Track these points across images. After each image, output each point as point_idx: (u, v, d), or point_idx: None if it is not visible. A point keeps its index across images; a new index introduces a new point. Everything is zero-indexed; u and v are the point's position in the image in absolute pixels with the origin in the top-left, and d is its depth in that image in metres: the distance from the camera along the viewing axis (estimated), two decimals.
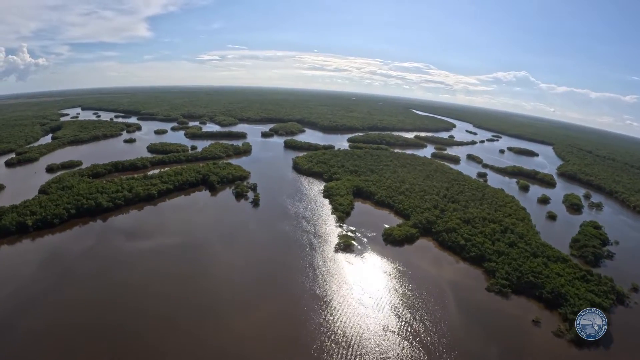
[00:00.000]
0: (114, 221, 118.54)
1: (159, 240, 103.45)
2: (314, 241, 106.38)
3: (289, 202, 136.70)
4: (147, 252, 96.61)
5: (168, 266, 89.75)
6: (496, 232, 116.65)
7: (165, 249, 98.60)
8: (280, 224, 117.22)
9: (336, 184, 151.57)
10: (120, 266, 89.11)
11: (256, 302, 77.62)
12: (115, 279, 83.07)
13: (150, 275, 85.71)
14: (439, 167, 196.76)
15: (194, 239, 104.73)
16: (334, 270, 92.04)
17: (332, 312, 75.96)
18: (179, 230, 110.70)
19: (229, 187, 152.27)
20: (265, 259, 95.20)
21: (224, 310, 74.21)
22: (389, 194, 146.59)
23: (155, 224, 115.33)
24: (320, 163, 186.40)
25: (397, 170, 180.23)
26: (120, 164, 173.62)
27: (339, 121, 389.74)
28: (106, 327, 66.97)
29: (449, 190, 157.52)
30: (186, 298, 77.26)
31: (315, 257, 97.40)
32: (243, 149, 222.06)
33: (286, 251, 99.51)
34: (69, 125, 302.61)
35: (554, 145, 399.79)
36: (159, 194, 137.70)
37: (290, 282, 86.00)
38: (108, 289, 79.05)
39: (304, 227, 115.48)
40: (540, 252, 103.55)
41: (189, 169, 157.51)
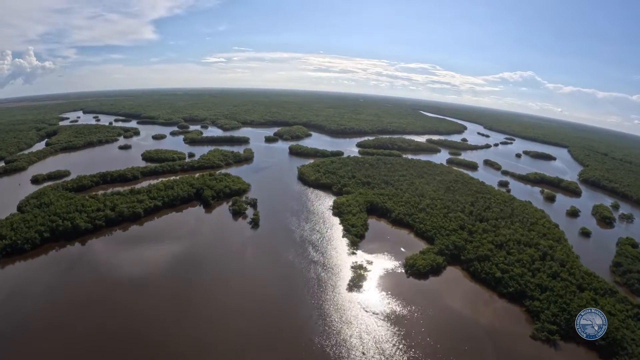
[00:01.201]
0: (91, 247, 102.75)
1: (139, 273, 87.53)
2: (322, 276, 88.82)
3: (293, 222, 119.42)
4: (125, 288, 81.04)
5: (148, 308, 74.76)
6: (535, 260, 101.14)
7: (146, 284, 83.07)
8: (282, 251, 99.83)
9: (347, 199, 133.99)
10: (93, 308, 73.66)
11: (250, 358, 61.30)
12: (83, 329, 66.82)
13: (126, 319, 70.70)
14: (459, 177, 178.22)
15: (181, 272, 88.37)
16: (347, 319, 74.36)
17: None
18: (163, 260, 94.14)
19: (226, 202, 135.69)
20: (263, 302, 77.90)
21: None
22: (407, 211, 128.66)
23: (137, 252, 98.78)
24: (329, 173, 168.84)
25: (414, 181, 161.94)
26: (109, 175, 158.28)
27: (347, 124, 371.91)
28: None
29: (474, 205, 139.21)
30: (167, 348, 62.75)
31: (324, 300, 79.82)
32: (244, 156, 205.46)
33: (288, 291, 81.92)
34: (64, 130, 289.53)
35: (568, 148, 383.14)
36: (146, 212, 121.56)
37: (292, 336, 68.72)
38: (73, 342, 63.01)
39: (311, 256, 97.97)
40: (586, 283, 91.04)
41: (181, 182, 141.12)
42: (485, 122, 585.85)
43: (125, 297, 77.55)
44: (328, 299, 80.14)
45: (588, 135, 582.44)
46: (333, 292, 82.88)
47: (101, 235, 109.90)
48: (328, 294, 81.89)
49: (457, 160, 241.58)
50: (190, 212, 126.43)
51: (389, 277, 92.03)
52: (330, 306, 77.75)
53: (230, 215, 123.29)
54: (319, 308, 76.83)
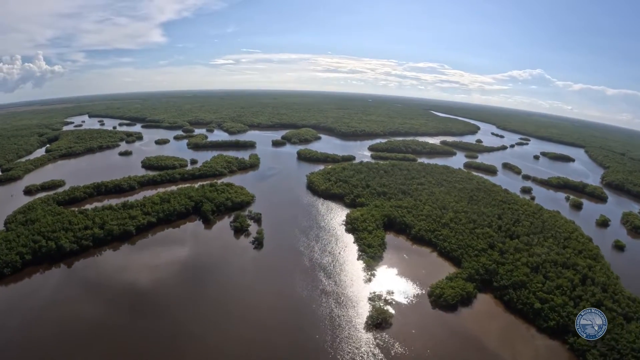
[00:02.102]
0: (75, 271, 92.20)
1: (126, 304, 76.73)
2: (335, 312, 75.64)
3: (301, 241, 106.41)
4: (107, 323, 70.16)
5: (136, 342, 65.09)
6: (575, 286, 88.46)
7: (134, 317, 72.19)
8: (289, 279, 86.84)
9: (362, 213, 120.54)
10: (73, 344, 63.76)
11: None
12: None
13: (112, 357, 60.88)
14: (481, 184, 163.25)
15: (172, 306, 76.29)
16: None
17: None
18: (153, 289, 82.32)
19: (228, 216, 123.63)
20: (264, 348, 65.06)
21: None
22: (429, 227, 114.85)
23: (125, 278, 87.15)
24: (340, 182, 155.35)
25: (433, 190, 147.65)
26: (104, 186, 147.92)
27: (357, 126, 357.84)
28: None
29: (502, 218, 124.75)
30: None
31: (339, 344, 66.70)
32: (249, 163, 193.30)
33: (296, 335, 68.84)
34: (66, 136, 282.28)
35: (585, 148, 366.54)
36: (138, 229, 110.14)
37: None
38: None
39: (322, 285, 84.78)
40: (632, 311, 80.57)
41: (179, 194, 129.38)
42: (497, 122, 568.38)
43: (109, 333, 67.13)
44: (343, 343, 66.93)
45: (602, 134, 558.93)
46: (349, 333, 69.79)
47: (89, 256, 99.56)
48: (343, 336, 68.71)
49: (475, 164, 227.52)
50: (187, 229, 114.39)
51: (413, 310, 78.70)
52: (345, 353, 64.54)
53: (231, 233, 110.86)
54: (333, 355, 63.71)
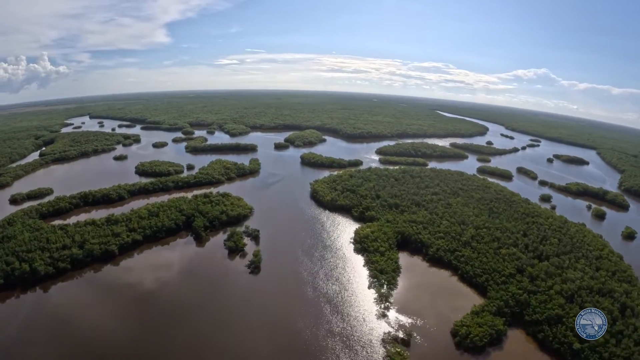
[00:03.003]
0: (50, 299, 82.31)
1: (102, 336, 66.26)
2: (343, 359, 63.48)
3: (304, 264, 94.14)
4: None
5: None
6: (616, 318, 76.54)
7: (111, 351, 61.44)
8: (288, 313, 74.76)
9: (372, 229, 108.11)
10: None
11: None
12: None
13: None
14: (499, 193, 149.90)
15: (151, 338, 64.84)
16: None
17: None
18: (132, 319, 71.69)
19: (223, 231, 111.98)
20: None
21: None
22: (448, 246, 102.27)
23: (102, 307, 76.42)
24: (347, 192, 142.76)
25: (449, 201, 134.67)
26: (91, 195, 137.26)
27: (364, 127, 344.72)
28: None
29: (527, 235, 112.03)
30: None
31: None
32: (249, 169, 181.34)
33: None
34: (62, 138, 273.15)
35: (597, 150, 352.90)
36: (122, 249, 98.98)
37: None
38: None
39: (329, 323, 72.52)
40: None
41: (169, 207, 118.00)
42: (505, 122, 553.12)
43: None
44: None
45: (610, 135, 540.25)
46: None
47: (68, 279, 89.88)
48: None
49: (489, 169, 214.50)
50: (176, 248, 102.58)
51: (435, 355, 66.34)
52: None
53: (225, 253, 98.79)
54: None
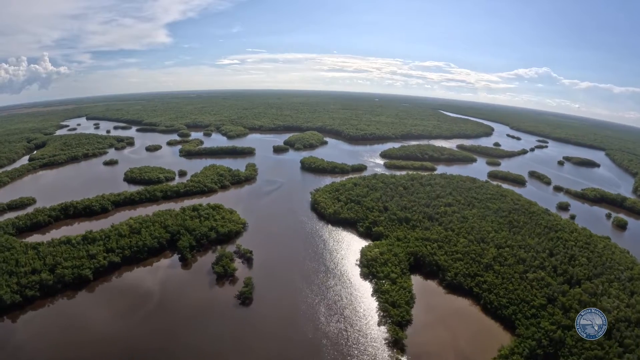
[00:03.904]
0: (15, 333, 70.59)
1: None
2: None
3: (303, 295, 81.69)
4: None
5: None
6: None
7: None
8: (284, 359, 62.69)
9: (381, 251, 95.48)
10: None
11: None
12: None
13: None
14: (517, 202, 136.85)
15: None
16: None
17: None
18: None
19: (212, 250, 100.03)
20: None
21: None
22: (468, 269, 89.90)
23: (66, 347, 64.50)
24: (352, 203, 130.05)
25: (465, 214, 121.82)
26: (72, 207, 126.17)
27: (367, 129, 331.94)
28: None
29: (554, 254, 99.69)
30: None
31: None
32: (245, 176, 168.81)
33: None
34: (53, 142, 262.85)
35: (606, 151, 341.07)
36: (97, 272, 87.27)
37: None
38: None
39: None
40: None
41: (153, 222, 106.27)
42: (509, 122, 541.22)
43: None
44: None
45: (616, 135, 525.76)
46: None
47: (38, 308, 78.77)
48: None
49: (501, 174, 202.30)
50: (158, 271, 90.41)
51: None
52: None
53: (213, 279, 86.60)
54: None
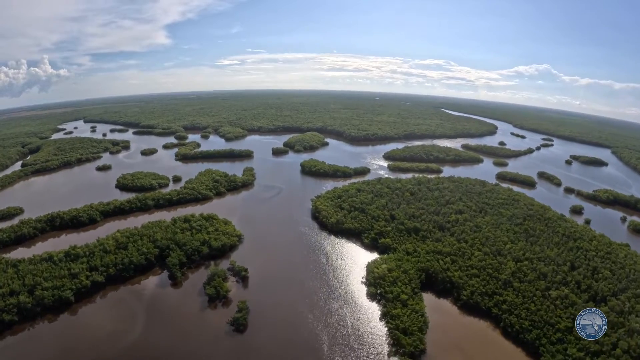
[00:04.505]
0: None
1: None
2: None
3: (304, 320, 73.49)
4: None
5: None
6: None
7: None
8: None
9: (389, 267, 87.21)
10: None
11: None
12: None
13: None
14: (531, 208, 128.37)
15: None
16: None
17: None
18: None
19: (205, 266, 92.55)
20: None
21: None
22: (484, 287, 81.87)
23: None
24: (356, 211, 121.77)
25: (477, 222, 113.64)
26: (59, 218, 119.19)
27: (369, 129, 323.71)
28: None
29: (575, 266, 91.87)
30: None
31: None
32: (242, 181, 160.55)
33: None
34: (48, 146, 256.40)
35: (612, 149, 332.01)
36: (79, 294, 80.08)
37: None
38: None
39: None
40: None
41: (142, 235, 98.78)
42: (512, 120, 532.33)
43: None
44: None
45: (619, 131, 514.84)
46: None
47: (17, 333, 71.77)
48: None
49: (510, 176, 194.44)
50: (145, 292, 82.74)
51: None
52: None
53: (204, 301, 78.81)
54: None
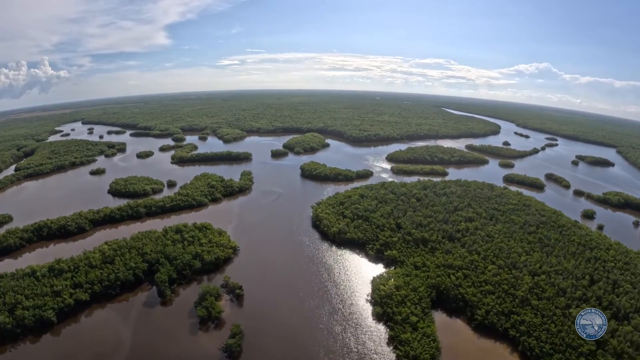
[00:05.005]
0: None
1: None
2: None
3: (304, 346, 67.22)
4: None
5: None
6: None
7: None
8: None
9: (396, 282, 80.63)
10: None
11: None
12: None
13: None
14: (543, 214, 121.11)
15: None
16: None
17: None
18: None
19: (197, 281, 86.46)
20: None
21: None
22: (501, 305, 75.18)
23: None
24: (359, 219, 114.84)
25: (489, 230, 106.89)
26: (47, 228, 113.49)
27: (370, 129, 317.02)
28: None
29: (594, 280, 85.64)
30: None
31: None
32: (239, 186, 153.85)
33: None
34: (42, 149, 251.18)
35: (617, 148, 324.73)
36: (62, 313, 74.15)
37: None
38: None
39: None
40: None
41: (130, 248, 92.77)
42: (515, 119, 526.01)
43: None
44: None
45: (621, 130, 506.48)
46: None
47: None
48: None
49: (517, 178, 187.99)
50: (131, 312, 75.83)
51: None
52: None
53: (195, 323, 72.34)
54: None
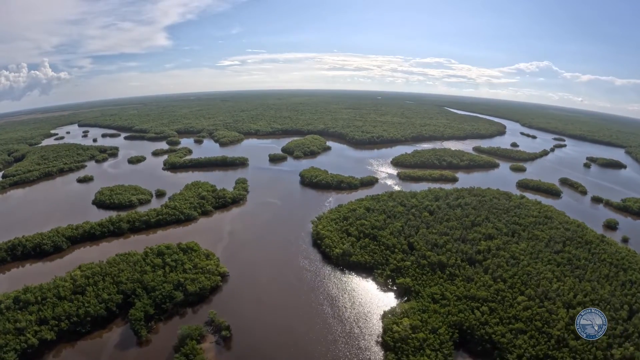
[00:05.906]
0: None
1: None
2: None
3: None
4: None
5: None
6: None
7: None
8: None
9: (411, 320, 68.80)
10: None
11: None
12: None
13: None
14: (568, 228, 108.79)
15: None
16: None
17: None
18: None
19: (179, 316, 75.71)
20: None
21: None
22: (535, 347, 63.57)
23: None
24: (367, 238, 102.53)
25: (512, 250, 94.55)
26: (21, 246, 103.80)
27: (373, 130, 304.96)
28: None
29: (633, 310, 74.44)
30: None
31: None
32: (232, 197, 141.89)
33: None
34: (32, 154, 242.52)
35: (626, 148, 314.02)
36: (24, 355, 64.07)
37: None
38: None
39: None
40: None
41: (105, 275, 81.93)
42: (519, 118, 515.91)
43: None
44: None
45: (627, 129, 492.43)
46: None
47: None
48: None
49: (532, 184, 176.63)
50: (102, 353, 65.20)
51: None
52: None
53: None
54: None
